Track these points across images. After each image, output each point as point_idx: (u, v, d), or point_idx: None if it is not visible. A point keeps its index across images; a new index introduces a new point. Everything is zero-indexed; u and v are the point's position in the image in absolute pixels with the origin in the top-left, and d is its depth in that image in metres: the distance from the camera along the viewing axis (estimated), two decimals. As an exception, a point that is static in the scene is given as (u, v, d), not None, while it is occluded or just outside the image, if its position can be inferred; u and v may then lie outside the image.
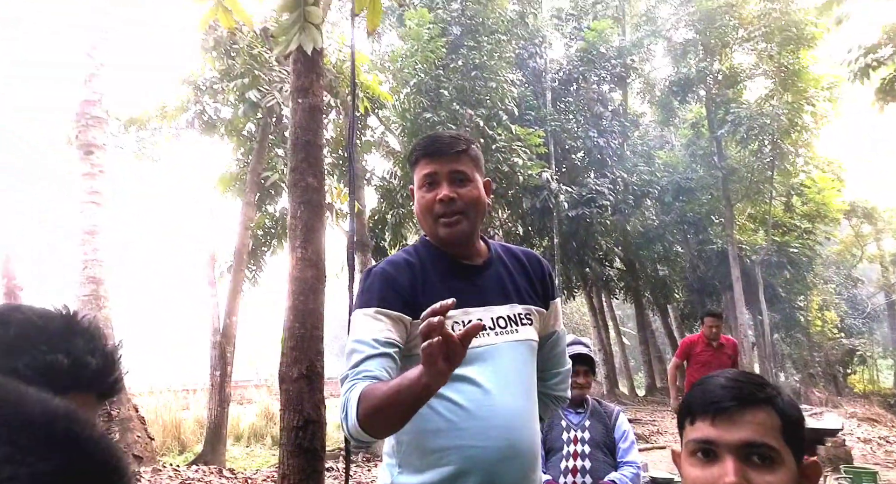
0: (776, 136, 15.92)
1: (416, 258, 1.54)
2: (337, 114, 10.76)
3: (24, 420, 0.40)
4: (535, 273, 1.62)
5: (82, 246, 6.56)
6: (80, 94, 6.75)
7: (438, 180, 1.50)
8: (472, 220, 1.51)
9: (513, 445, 1.38)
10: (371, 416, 1.26)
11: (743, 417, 0.97)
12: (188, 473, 7.26)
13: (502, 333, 1.47)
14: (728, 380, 1.02)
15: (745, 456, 0.95)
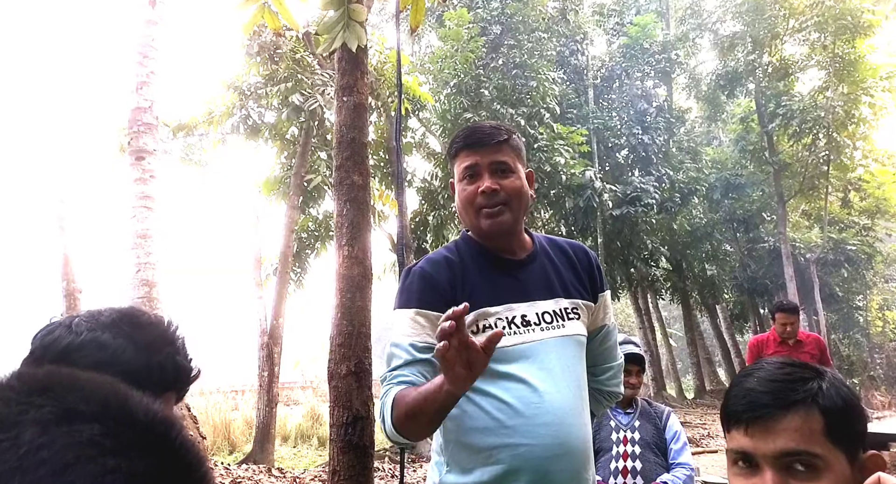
0: (831, 128, 15.31)
1: (456, 255, 1.51)
2: (378, 116, 10.84)
3: (129, 419, 0.44)
4: (582, 265, 1.57)
5: (135, 250, 6.73)
6: (132, 101, 6.94)
7: (480, 172, 1.47)
8: (515, 211, 1.48)
9: (563, 442, 1.34)
10: (403, 420, 1.28)
11: (778, 425, 0.91)
12: (238, 471, 7.39)
13: (548, 328, 1.43)
14: (762, 381, 0.96)
15: (786, 465, 0.90)
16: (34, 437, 0.40)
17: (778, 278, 17.44)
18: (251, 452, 8.71)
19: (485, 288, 1.44)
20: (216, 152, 10.74)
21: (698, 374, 20.90)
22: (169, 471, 0.44)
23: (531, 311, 1.44)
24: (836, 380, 0.97)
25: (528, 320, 1.42)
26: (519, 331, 1.41)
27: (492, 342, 1.08)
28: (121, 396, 0.45)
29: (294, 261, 10.99)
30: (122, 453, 0.41)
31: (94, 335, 0.91)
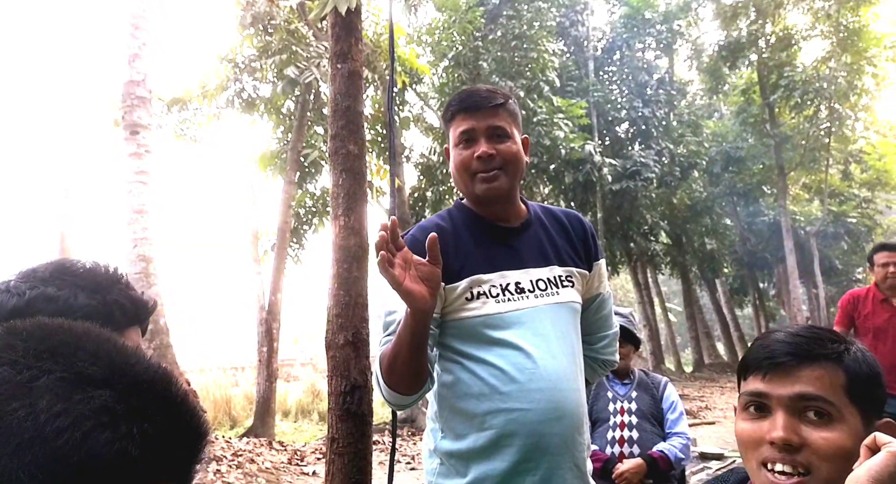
0: (833, 100, 15.13)
1: (448, 223, 1.50)
2: (375, 90, 10.69)
3: (135, 380, 0.45)
4: (577, 234, 1.57)
5: (131, 225, 6.69)
6: (125, 74, 6.83)
7: (476, 137, 1.45)
8: (510, 176, 1.47)
9: (557, 406, 1.35)
10: (388, 371, 1.32)
11: (799, 372, 0.92)
12: (239, 444, 7.46)
13: (542, 295, 1.43)
14: (789, 335, 0.96)
15: (799, 411, 0.91)
16: (50, 405, 0.41)
17: (778, 252, 17.43)
18: (252, 426, 8.79)
19: (478, 255, 1.44)
20: (211, 127, 10.63)
21: (697, 348, 21.03)
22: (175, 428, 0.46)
23: (525, 278, 1.43)
24: (863, 349, 0.97)
25: (522, 288, 1.42)
26: (513, 298, 1.41)
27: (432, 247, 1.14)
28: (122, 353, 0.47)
29: (292, 236, 10.95)
30: (132, 418, 0.43)
31: (38, 291, 0.90)
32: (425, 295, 1.15)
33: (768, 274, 20.87)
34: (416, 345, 1.26)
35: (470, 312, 1.39)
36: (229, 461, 6.68)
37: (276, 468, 6.90)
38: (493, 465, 1.33)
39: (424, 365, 1.32)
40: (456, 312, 1.40)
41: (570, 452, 1.37)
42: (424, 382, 1.35)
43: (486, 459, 1.34)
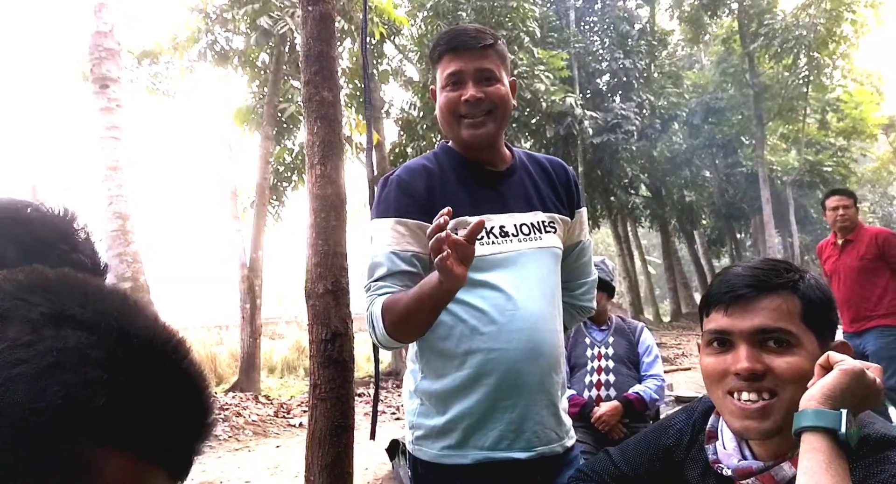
0: (812, 47, 15.11)
1: (434, 164, 1.48)
2: (352, 42, 10.44)
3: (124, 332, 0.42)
4: (560, 181, 1.56)
5: (106, 182, 6.56)
6: (91, 25, 6.57)
7: (464, 79, 1.42)
8: (498, 121, 1.44)
9: (535, 346, 1.37)
10: (397, 325, 1.31)
11: (758, 304, 0.96)
12: (225, 399, 7.55)
13: (525, 239, 1.44)
14: (746, 268, 1.01)
15: (760, 342, 0.95)
16: (19, 334, 0.38)
17: (754, 202, 17.68)
18: (237, 381, 8.88)
19: (463, 198, 1.43)
20: (184, 81, 10.33)
21: (675, 298, 21.48)
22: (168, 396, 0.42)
23: (509, 222, 1.44)
24: (816, 277, 1.02)
25: (506, 231, 1.43)
26: (497, 241, 1.41)
27: (473, 234, 1.10)
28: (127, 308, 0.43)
29: (271, 194, 10.84)
30: (109, 367, 0.39)
31: None
32: (464, 276, 1.15)
33: (745, 225, 21.18)
34: (436, 311, 1.28)
35: None
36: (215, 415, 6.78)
37: (263, 421, 7.02)
38: (471, 402, 1.36)
39: (434, 320, 1.33)
40: None
41: (546, 391, 1.40)
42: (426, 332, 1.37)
43: (464, 397, 1.36)
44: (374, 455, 4.74)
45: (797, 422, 0.85)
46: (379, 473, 4.65)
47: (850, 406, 0.83)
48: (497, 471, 1.37)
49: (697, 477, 1.11)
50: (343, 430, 2.53)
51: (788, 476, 0.94)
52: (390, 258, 1.38)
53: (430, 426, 1.42)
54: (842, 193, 4.30)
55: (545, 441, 1.41)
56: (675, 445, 1.17)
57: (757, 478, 0.97)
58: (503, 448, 1.37)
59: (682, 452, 1.15)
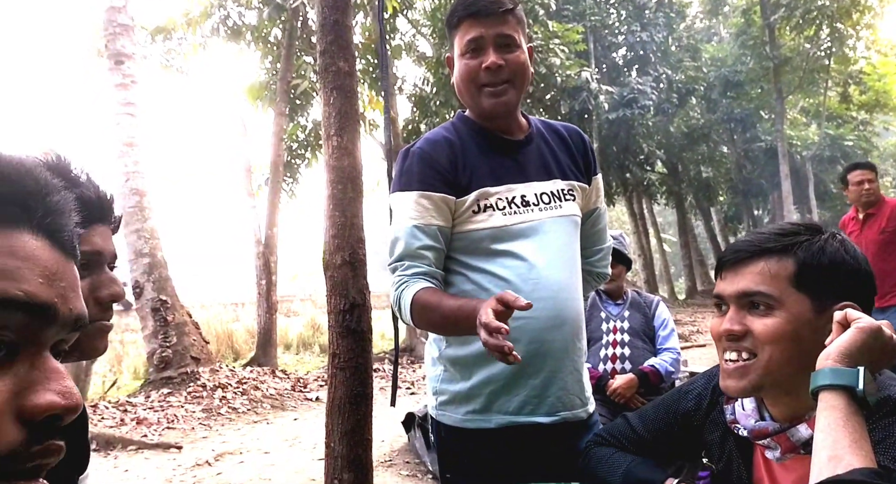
0: (835, 18, 14.70)
1: (454, 135, 1.47)
2: (365, 16, 10.33)
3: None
4: (577, 148, 1.56)
5: (122, 158, 6.62)
6: (104, 0, 6.57)
7: (484, 46, 1.39)
8: (518, 89, 1.43)
9: (559, 314, 1.38)
10: (423, 324, 1.37)
11: (745, 268, 0.99)
12: (243, 373, 7.67)
13: (546, 208, 1.44)
14: (753, 233, 1.05)
15: (748, 305, 0.98)
16: None
17: (773, 178, 17.42)
18: (254, 356, 9.00)
19: (484, 168, 1.43)
20: (197, 57, 10.31)
21: (690, 276, 21.35)
22: None
23: (529, 191, 1.43)
24: (832, 239, 1.00)
25: (527, 201, 1.43)
26: (518, 211, 1.42)
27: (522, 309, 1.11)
28: None
29: (285, 170, 10.86)
30: None
31: None
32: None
33: (763, 201, 20.91)
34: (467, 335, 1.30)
35: (477, 225, 1.40)
36: (234, 388, 6.88)
37: (280, 395, 7.13)
38: (496, 368, 1.37)
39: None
40: (463, 224, 1.41)
41: (570, 357, 1.42)
42: None
43: (489, 363, 1.36)
44: (391, 428, 4.80)
45: (814, 381, 0.84)
46: (395, 446, 4.71)
47: (867, 363, 0.83)
48: (520, 435, 1.38)
49: (717, 439, 1.12)
50: (362, 398, 2.56)
51: (804, 437, 0.95)
52: (413, 232, 1.37)
53: (454, 392, 1.43)
54: (864, 167, 4.21)
55: (569, 406, 1.42)
56: (694, 409, 1.18)
57: (773, 439, 0.99)
58: (527, 413, 1.38)
59: (701, 415, 1.16)
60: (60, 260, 0.44)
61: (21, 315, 0.40)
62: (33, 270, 0.41)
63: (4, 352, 0.39)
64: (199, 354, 6.93)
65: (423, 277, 1.36)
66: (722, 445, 1.11)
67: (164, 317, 6.67)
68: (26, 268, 0.41)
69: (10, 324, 0.39)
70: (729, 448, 1.09)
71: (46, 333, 0.42)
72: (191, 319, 7.22)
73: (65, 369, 0.43)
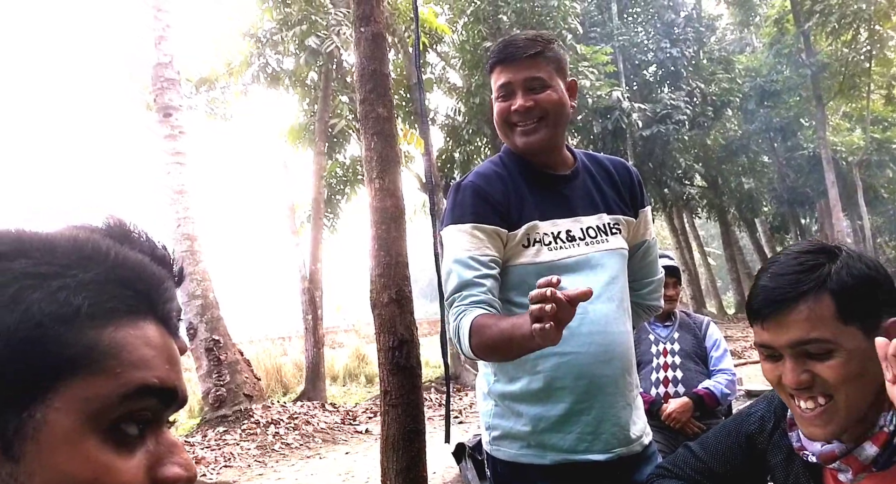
0: (873, 21, 14.37)
1: (503, 169, 1.49)
2: (395, 53, 10.62)
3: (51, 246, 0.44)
4: (623, 182, 1.56)
5: (173, 205, 6.91)
6: (152, 57, 6.95)
7: (513, 90, 1.43)
8: (551, 126, 1.45)
9: (606, 350, 1.39)
10: (482, 350, 1.32)
11: (789, 317, 0.96)
12: (294, 408, 7.79)
13: (593, 242, 1.45)
14: (772, 276, 1.01)
15: (801, 352, 0.96)
16: None
17: (819, 185, 16.93)
18: (304, 390, 9.13)
19: (532, 202, 1.45)
20: (239, 104, 10.77)
21: (738, 289, 20.78)
22: (117, 276, 0.44)
23: (576, 226, 1.45)
24: (850, 258, 0.99)
25: (573, 235, 1.44)
26: (565, 245, 1.43)
27: (576, 298, 1.05)
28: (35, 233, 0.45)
29: (326, 207, 11.13)
30: (60, 275, 0.42)
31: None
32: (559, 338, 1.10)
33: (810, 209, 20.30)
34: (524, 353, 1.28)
35: (524, 259, 1.42)
36: (286, 424, 7.00)
37: (331, 428, 7.21)
38: (548, 407, 1.38)
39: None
40: (513, 257, 1.43)
41: (622, 392, 1.42)
42: None
43: (541, 402, 1.38)
44: (441, 459, 4.82)
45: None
46: (447, 477, 4.71)
47: None
48: (576, 472, 1.39)
49: (781, 462, 1.12)
50: (415, 434, 2.61)
51: (871, 455, 0.96)
52: (468, 263, 1.38)
53: (506, 427, 1.44)
54: None
55: (623, 442, 1.42)
56: (757, 432, 1.17)
57: (842, 461, 0.99)
58: (582, 451, 1.38)
59: (765, 438, 1.16)
60: (173, 344, 0.49)
61: (153, 399, 0.44)
62: (162, 357, 0.46)
63: (138, 431, 0.44)
64: (251, 391, 7.09)
65: (480, 305, 1.34)
66: (787, 468, 1.10)
67: (217, 356, 6.87)
68: (157, 356, 0.45)
69: (146, 407, 0.45)
70: (795, 471, 1.09)
71: (168, 412, 0.47)
72: (242, 356, 7.41)
73: (179, 440, 0.50)
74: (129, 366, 0.43)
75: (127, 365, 0.43)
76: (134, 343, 0.44)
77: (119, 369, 0.42)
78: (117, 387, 0.42)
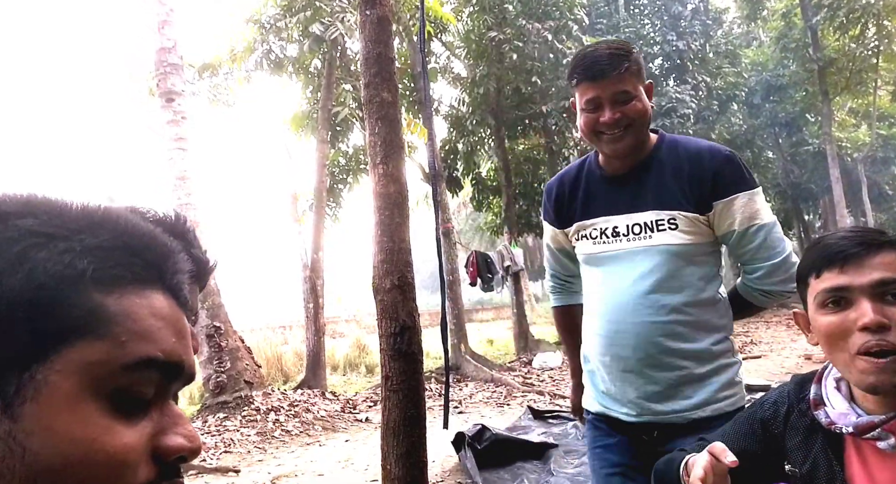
0: (882, 16, 14.26)
1: (576, 170, 1.74)
2: (400, 41, 10.56)
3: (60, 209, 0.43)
4: (693, 175, 1.57)
5: (175, 191, 6.89)
6: (155, 42, 6.91)
7: (601, 104, 1.53)
8: (636, 132, 1.56)
9: (624, 336, 1.56)
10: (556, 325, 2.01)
11: (872, 260, 0.99)
12: (294, 395, 7.80)
13: (635, 238, 1.58)
14: (849, 231, 1.05)
15: (880, 295, 0.98)
16: None
17: (823, 181, 16.88)
18: (304, 379, 9.15)
19: (586, 203, 1.68)
20: (242, 91, 10.72)
21: (741, 285, 20.74)
22: (125, 244, 0.44)
23: (623, 222, 1.60)
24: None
25: (618, 231, 1.60)
26: (608, 241, 1.62)
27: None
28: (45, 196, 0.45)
29: (328, 195, 11.10)
30: (67, 237, 0.42)
31: None
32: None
33: (813, 205, 20.27)
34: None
35: (578, 249, 1.73)
36: (286, 411, 7.01)
37: (331, 416, 7.22)
38: (590, 372, 1.70)
39: None
40: (576, 247, 1.75)
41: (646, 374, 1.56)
42: None
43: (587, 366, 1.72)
44: (441, 448, 4.82)
45: None
46: (446, 466, 4.72)
47: None
48: (612, 423, 1.65)
49: (799, 443, 1.13)
50: (416, 420, 2.61)
51: None
52: (546, 252, 1.87)
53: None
54: None
55: (648, 412, 1.58)
56: (772, 417, 1.19)
57: (883, 429, 1.00)
58: (611, 407, 1.64)
59: (780, 422, 1.17)
60: (182, 317, 0.48)
61: (158, 373, 0.44)
62: (168, 329, 0.45)
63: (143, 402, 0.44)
64: (251, 378, 7.10)
65: (555, 292, 1.91)
66: (806, 449, 1.12)
67: (218, 343, 6.87)
68: (164, 328, 0.44)
69: (150, 381, 0.44)
70: (815, 451, 1.10)
71: (174, 385, 0.46)
72: (243, 343, 7.41)
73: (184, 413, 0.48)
74: (134, 336, 0.42)
75: (132, 334, 0.42)
76: (140, 312, 0.43)
77: (124, 338, 0.42)
78: (121, 355, 0.41)
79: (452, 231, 11.49)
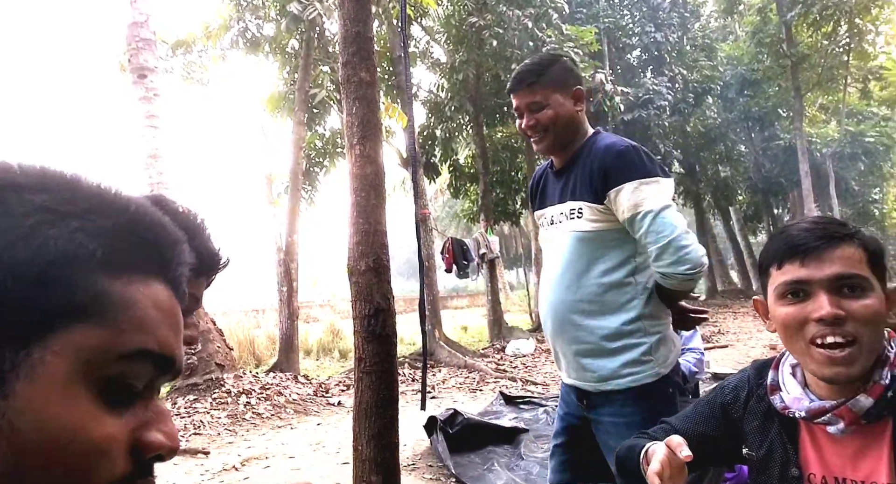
0: (854, 13, 14.52)
1: (545, 164, 2.00)
2: (379, 24, 10.43)
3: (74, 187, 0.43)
4: (592, 169, 1.75)
5: (147, 170, 6.75)
6: (127, 16, 6.72)
7: (521, 112, 1.83)
8: (553, 135, 1.81)
9: (547, 309, 1.85)
10: None
11: (832, 254, 1.01)
12: (266, 379, 7.76)
13: (559, 225, 1.84)
14: (810, 224, 1.07)
15: (837, 289, 1.00)
16: None
17: (793, 175, 17.22)
18: (277, 362, 9.10)
19: (543, 193, 1.96)
20: (218, 69, 10.49)
21: (710, 276, 21.15)
22: (136, 230, 0.44)
23: (557, 211, 1.85)
24: (868, 231, 1.13)
25: (553, 219, 1.87)
26: (547, 228, 1.90)
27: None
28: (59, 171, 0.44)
29: (304, 178, 10.98)
30: (79, 216, 0.41)
31: None
32: None
33: (783, 199, 20.70)
34: None
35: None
36: (258, 394, 6.97)
37: (303, 400, 7.20)
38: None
39: None
40: None
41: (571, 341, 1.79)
42: None
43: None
44: (413, 432, 4.85)
45: None
46: (418, 449, 4.75)
47: None
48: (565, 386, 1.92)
49: (756, 427, 1.17)
50: (388, 401, 2.61)
51: (866, 406, 1.00)
52: None
53: None
54: None
55: (579, 378, 1.81)
56: (732, 402, 1.22)
57: (833, 414, 1.02)
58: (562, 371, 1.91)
59: (739, 407, 1.20)
60: (179, 311, 0.47)
61: (151, 365, 0.43)
62: (167, 322, 0.44)
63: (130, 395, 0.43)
64: (223, 360, 7.03)
65: None
66: (762, 433, 1.15)
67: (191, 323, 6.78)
68: (163, 320, 0.44)
69: (142, 373, 0.43)
70: (771, 435, 1.14)
71: (163, 379, 0.46)
72: (215, 326, 7.33)
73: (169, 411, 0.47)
74: (134, 325, 0.42)
75: (132, 323, 0.42)
76: (143, 302, 0.43)
77: (124, 326, 0.41)
78: (119, 344, 0.41)
79: (429, 217, 11.47)
